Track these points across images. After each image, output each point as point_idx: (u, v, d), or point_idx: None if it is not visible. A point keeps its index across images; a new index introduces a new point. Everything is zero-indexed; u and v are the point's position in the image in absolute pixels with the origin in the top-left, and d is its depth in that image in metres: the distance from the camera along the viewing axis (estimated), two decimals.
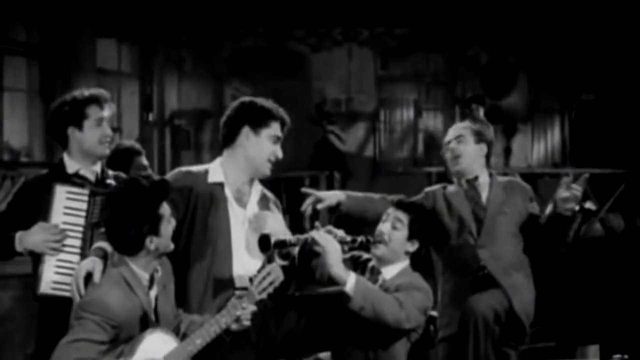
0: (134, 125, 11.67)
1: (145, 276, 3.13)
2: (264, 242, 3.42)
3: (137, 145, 4.75)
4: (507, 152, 11.90)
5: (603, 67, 11.06)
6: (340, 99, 12.05)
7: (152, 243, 3.10)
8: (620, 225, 9.05)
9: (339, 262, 3.50)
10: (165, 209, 3.15)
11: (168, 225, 3.16)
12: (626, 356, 4.91)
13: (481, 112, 9.34)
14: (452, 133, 4.40)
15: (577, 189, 4.00)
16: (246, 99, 3.67)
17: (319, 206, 4.04)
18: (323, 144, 11.17)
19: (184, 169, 3.62)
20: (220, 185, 3.51)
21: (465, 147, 4.31)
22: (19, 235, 3.44)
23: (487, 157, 4.37)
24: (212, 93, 12.14)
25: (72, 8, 9.98)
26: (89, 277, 3.13)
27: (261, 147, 3.55)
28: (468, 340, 3.88)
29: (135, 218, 3.06)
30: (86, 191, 3.55)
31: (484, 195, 4.26)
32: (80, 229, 3.51)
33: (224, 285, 3.43)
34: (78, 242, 3.49)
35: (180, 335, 3.25)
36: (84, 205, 3.52)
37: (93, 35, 10.60)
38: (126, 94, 11.63)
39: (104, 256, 3.21)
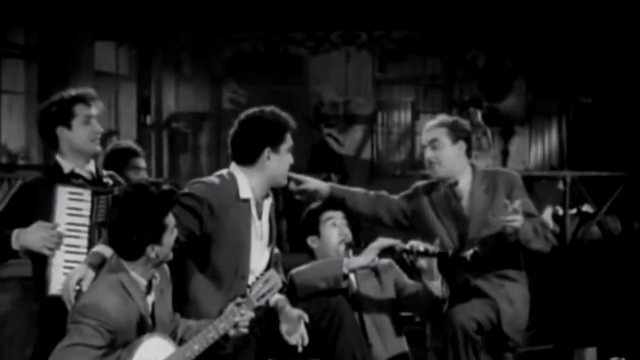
0: (131, 127, 11.67)
1: (143, 282, 3.13)
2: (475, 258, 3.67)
3: (135, 146, 4.71)
4: (505, 154, 11.91)
5: (601, 70, 11.09)
6: (338, 101, 12.07)
7: (153, 251, 3.09)
8: (617, 228, 9.07)
9: None
10: (170, 219, 3.14)
11: (171, 236, 3.15)
12: (624, 359, 4.91)
13: (479, 115, 9.36)
14: (426, 136, 4.11)
15: (518, 219, 3.73)
16: (256, 114, 3.55)
17: (292, 187, 3.94)
18: (321, 147, 11.18)
19: (211, 182, 3.49)
20: (248, 201, 3.49)
21: (442, 152, 4.03)
22: (16, 232, 3.40)
23: (469, 150, 4.09)
24: (210, 96, 12.15)
25: (70, 11, 9.98)
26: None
27: (283, 162, 3.53)
28: (448, 352, 3.79)
29: (139, 224, 3.05)
30: (88, 191, 3.52)
31: (465, 203, 4.02)
32: (86, 228, 3.49)
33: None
34: (85, 242, 3.46)
35: (177, 340, 3.24)
36: (87, 205, 3.50)
37: (91, 38, 10.60)
38: (124, 96, 11.63)
39: (101, 261, 3.18)
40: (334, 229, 3.93)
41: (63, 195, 3.49)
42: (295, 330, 3.44)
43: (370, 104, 12.20)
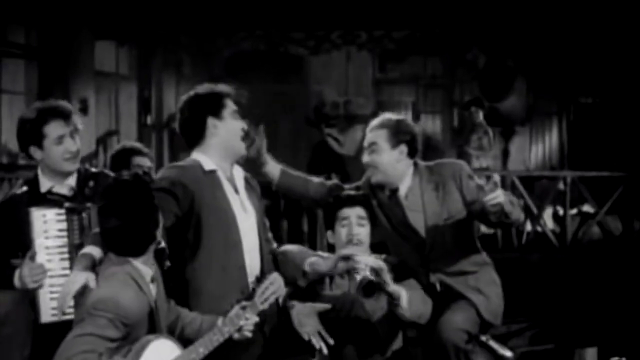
0: (131, 127, 11.68)
1: (149, 272, 3.14)
2: (370, 289, 3.46)
3: (139, 146, 4.71)
4: (505, 154, 11.92)
5: (601, 71, 11.09)
6: (338, 101, 12.07)
7: (158, 237, 3.14)
8: (618, 228, 9.06)
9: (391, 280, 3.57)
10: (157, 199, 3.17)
11: (161, 217, 3.19)
12: (624, 359, 4.91)
13: (480, 115, 9.37)
14: (366, 139, 3.92)
15: (499, 194, 3.53)
16: (190, 93, 3.62)
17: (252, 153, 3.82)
18: (321, 147, 11.17)
19: (176, 164, 3.55)
20: (216, 174, 3.49)
21: (379, 157, 3.83)
22: (17, 273, 3.39)
23: (411, 153, 3.88)
24: None
25: (70, 10, 9.98)
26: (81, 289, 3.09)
27: (231, 128, 3.52)
28: None
29: (144, 222, 3.07)
30: (63, 210, 3.47)
31: (415, 206, 3.82)
32: (66, 249, 3.45)
33: (239, 276, 3.43)
34: (67, 263, 3.43)
35: (177, 333, 3.27)
36: (64, 225, 3.46)
37: (91, 38, 10.61)
38: (124, 96, 11.64)
39: (92, 263, 3.13)
40: (344, 229, 3.88)
41: (38, 219, 3.44)
42: (313, 327, 3.46)
43: (370, 104, 12.19)
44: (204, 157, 3.51)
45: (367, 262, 3.50)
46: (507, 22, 10.86)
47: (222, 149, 3.52)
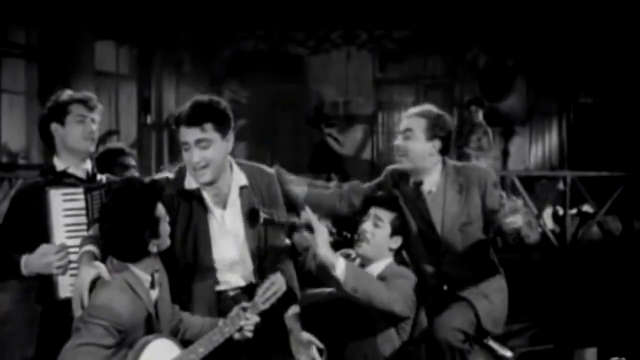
0: (131, 127, 11.68)
1: (147, 278, 3.14)
2: (253, 216, 3.35)
3: (123, 146, 4.76)
4: (505, 154, 11.93)
5: (601, 71, 11.10)
6: (338, 101, 12.09)
7: (154, 246, 3.11)
8: (617, 228, 9.07)
9: (328, 246, 3.44)
10: (160, 209, 3.14)
11: (165, 224, 3.16)
12: (624, 359, 4.91)
13: (480, 115, 9.37)
14: (402, 123, 3.88)
15: (519, 220, 3.48)
16: None
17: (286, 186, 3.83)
18: (321, 147, 11.18)
19: (163, 174, 3.52)
20: (197, 191, 3.43)
21: (413, 144, 3.80)
22: (24, 259, 3.39)
23: (444, 150, 3.84)
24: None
25: (71, 10, 9.99)
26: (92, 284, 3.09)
27: (187, 159, 3.38)
28: None
29: (136, 226, 3.05)
30: (80, 189, 3.53)
31: (437, 205, 3.80)
32: (85, 227, 3.49)
33: (202, 295, 3.41)
34: None
35: (180, 335, 3.28)
36: (82, 204, 3.51)
37: (92, 38, 10.61)
38: (124, 96, 11.64)
39: (96, 259, 3.15)
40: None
41: (56, 197, 3.48)
42: (307, 355, 3.44)
43: (370, 104, 12.22)
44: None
45: (307, 218, 3.42)
46: (507, 22, 10.88)
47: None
